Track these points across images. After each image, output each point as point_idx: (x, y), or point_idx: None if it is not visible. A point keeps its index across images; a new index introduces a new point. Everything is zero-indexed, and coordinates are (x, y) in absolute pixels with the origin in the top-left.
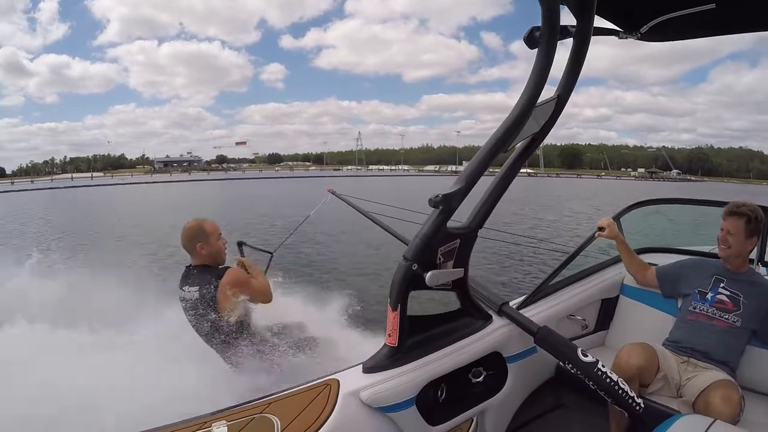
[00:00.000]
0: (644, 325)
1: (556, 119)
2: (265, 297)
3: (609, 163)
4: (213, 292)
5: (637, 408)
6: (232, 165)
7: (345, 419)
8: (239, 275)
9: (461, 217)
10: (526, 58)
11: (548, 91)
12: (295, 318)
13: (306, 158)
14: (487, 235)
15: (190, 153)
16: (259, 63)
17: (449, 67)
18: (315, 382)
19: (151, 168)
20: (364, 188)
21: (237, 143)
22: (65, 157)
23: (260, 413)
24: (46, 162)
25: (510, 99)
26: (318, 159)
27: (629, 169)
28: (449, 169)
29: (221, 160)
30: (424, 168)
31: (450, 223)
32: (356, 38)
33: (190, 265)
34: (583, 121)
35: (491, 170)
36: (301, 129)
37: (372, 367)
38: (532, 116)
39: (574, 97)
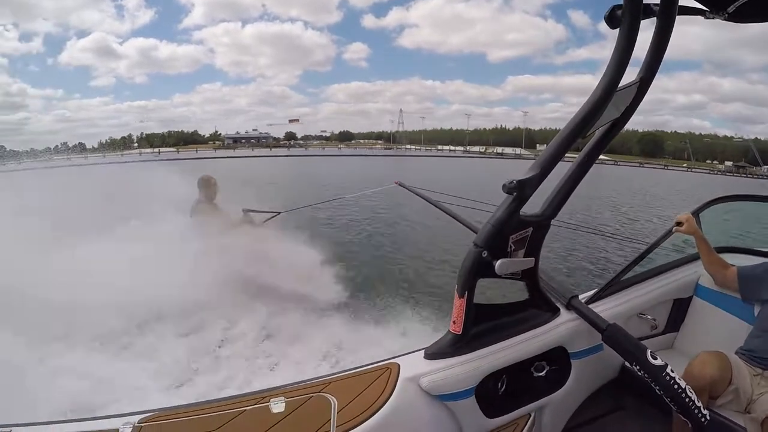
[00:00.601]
0: (717, 331)
1: (638, 104)
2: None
3: (693, 153)
4: (193, 215)
5: (703, 420)
6: (299, 142)
7: (402, 404)
8: (199, 210)
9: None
10: (615, 39)
11: (629, 75)
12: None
13: (379, 137)
14: (558, 225)
15: (256, 130)
16: (342, 43)
17: (535, 47)
18: (375, 365)
19: (221, 144)
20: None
21: (290, 120)
22: (141, 133)
23: (318, 392)
24: (123, 138)
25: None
26: (391, 138)
27: (715, 162)
28: (495, 150)
29: (290, 137)
30: (471, 149)
31: (522, 211)
32: (439, 17)
33: (197, 199)
34: (675, 108)
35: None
36: (385, 108)
37: (434, 353)
38: (612, 101)
39: (666, 82)
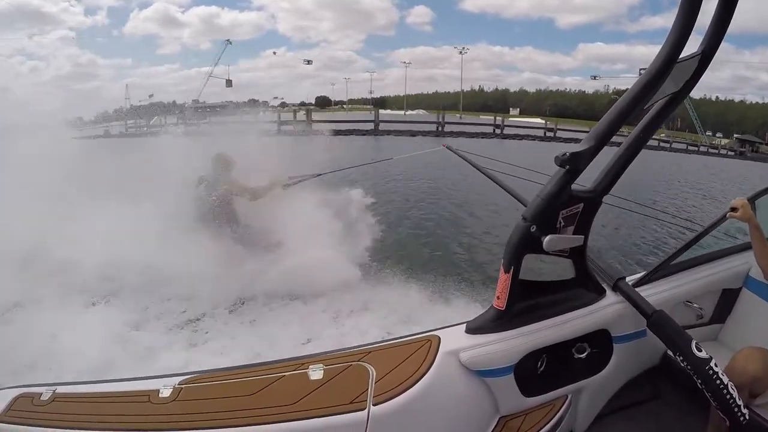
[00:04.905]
0: (765, 326)
1: (699, 78)
2: (250, 196)
3: (700, 120)
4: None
5: (742, 419)
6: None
7: (440, 378)
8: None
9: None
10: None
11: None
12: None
13: (368, 102)
14: (611, 204)
15: (196, 100)
16: (403, 6)
17: (607, 12)
18: (416, 337)
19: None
20: None
21: (149, 96)
22: (130, 105)
23: (357, 361)
24: (116, 110)
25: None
26: (387, 102)
27: (717, 135)
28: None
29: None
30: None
31: (574, 186)
32: None
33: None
34: (758, 87)
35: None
36: (452, 74)
37: (475, 328)
38: (671, 74)
39: (749, 57)
